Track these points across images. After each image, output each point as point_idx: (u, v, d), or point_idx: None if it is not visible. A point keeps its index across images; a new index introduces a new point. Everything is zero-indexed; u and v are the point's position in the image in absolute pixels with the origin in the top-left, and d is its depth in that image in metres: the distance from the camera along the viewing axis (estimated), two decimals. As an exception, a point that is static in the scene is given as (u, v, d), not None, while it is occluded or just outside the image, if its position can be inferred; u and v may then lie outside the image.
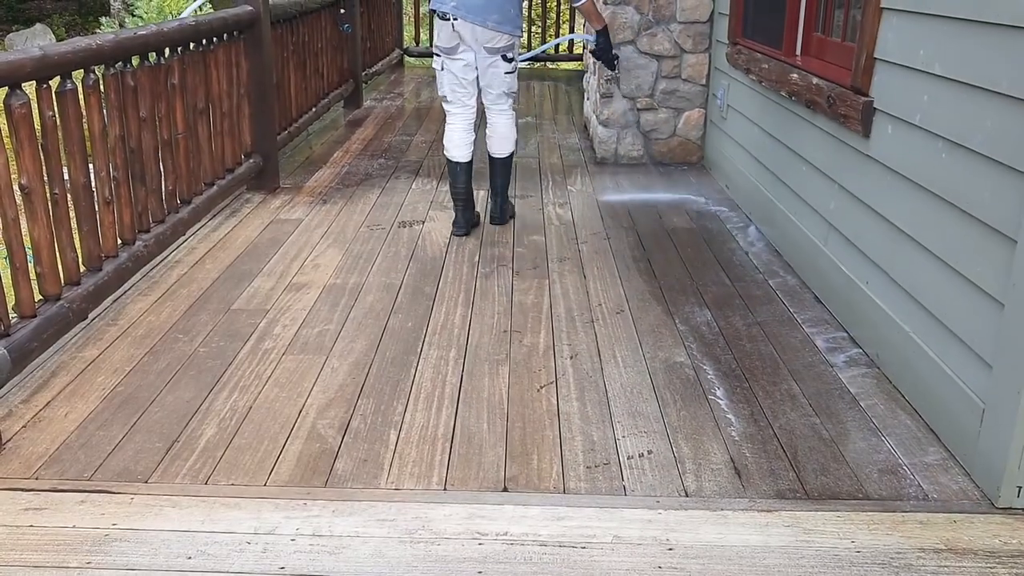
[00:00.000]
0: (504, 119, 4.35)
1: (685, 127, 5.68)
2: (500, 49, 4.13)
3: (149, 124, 3.55)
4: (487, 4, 4.01)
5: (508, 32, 4.10)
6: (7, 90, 2.63)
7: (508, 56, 4.18)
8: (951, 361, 2.52)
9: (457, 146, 4.27)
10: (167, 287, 3.59)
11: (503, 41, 4.11)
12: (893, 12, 2.94)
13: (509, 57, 4.18)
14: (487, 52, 4.12)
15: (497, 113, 4.34)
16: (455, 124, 4.29)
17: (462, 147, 4.27)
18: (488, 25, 4.03)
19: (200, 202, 4.10)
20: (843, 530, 2.15)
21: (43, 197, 2.78)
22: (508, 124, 4.37)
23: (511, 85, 4.27)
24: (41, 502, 2.22)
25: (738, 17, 4.91)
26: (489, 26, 4.03)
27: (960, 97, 2.50)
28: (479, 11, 4.01)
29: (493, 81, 4.22)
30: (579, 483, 2.35)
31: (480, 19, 4.02)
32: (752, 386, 2.86)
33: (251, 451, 2.47)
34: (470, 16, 4.01)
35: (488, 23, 4.03)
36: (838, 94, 3.30)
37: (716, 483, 2.35)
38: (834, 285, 3.40)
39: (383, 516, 2.18)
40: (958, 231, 2.50)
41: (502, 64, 4.19)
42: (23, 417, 2.62)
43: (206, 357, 3.01)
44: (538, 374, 2.93)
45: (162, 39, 3.65)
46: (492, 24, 4.03)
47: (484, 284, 3.69)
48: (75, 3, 20.37)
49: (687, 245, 4.21)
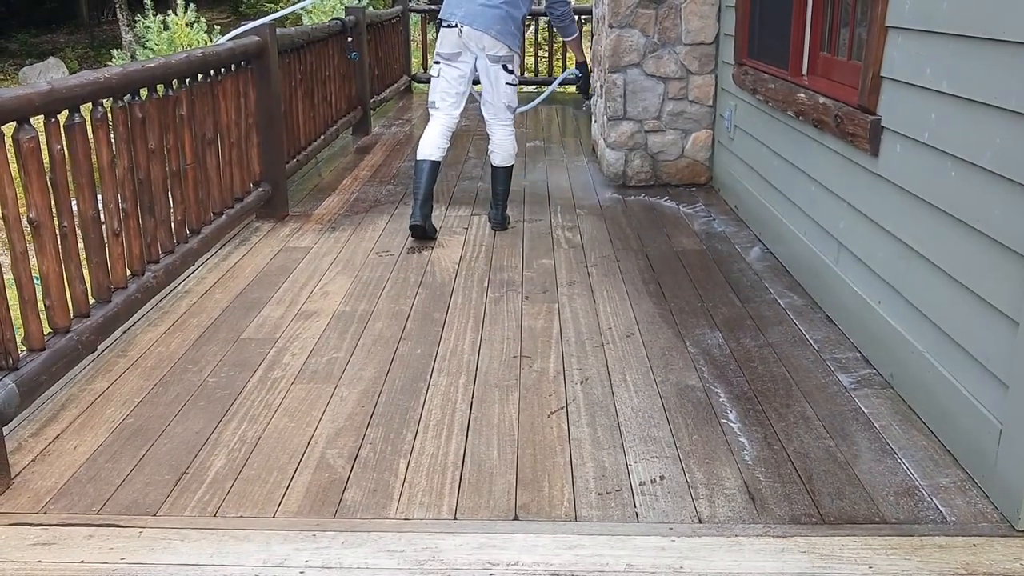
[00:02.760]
0: (505, 133, 4.70)
1: (693, 148, 5.68)
2: (502, 58, 4.49)
3: (158, 155, 3.56)
4: (492, 17, 4.42)
5: (509, 44, 4.48)
6: (16, 124, 2.65)
7: (509, 67, 4.53)
8: (966, 381, 2.48)
9: (428, 144, 4.59)
10: (176, 317, 3.59)
11: (505, 50, 4.49)
12: (899, 31, 2.93)
13: (510, 68, 4.54)
14: (490, 60, 4.49)
15: (499, 127, 4.68)
16: (433, 127, 4.62)
17: (432, 147, 4.58)
18: (491, 33, 4.42)
19: (209, 232, 4.12)
20: (860, 555, 2.11)
21: (52, 230, 2.79)
22: (509, 139, 4.71)
23: (511, 98, 4.61)
24: (49, 537, 2.20)
25: (743, 38, 4.92)
26: (492, 34, 4.42)
27: (968, 115, 2.49)
28: (486, 19, 4.43)
29: (496, 89, 4.56)
30: (591, 510, 2.32)
31: (484, 26, 4.42)
32: (765, 409, 2.83)
33: (260, 482, 2.45)
34: (476, 23, 4.41)
35: (492, 31, 4.43)
36: (845, 113, 3.29)
37: (730, 508, 2.32)
38: (846, 305, 3.37)
39: (393, 547, 2.16)
40: (970, 249, 2.48)
41: (503, 74, 4.54)
42: (32, 451, 2.61)
43: (215, 387, 3.01)
44: (548, 400, 2.91)
45: (169, 71, 3.68)
46: (495, 33, 4.42)
47: (493, 309, 3.68)
48: (87, 36, 20.64)
49: (696, 266, 4.19)
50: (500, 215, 4.82)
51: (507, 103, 4.62)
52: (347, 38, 7.00)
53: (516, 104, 4.67)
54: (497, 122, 4.68)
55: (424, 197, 4.53)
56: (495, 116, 4.66)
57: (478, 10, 4.42)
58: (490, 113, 4.66)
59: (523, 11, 4.55)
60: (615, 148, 5.66)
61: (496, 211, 4.83)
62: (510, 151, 4.76)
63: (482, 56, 4.49)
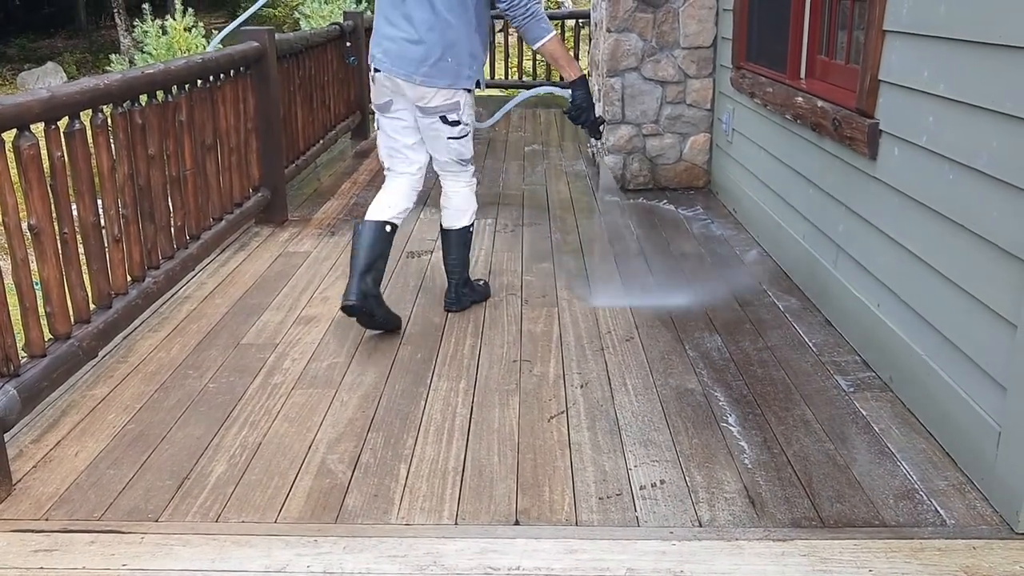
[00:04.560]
0: (457, 187, 3.59)
1: (691, 152, 5.69)
2: (437, 109, 3.32)
3: (158, 161, 3.57)
4: (416, 57, 3.23)
5: (446, 86, 3.27)
6: (16, 132, 2.66)
7: (451, 118, 3.35)
8: (965, 384, 2.49)
9: (373, 207, 3.49)
10: (177, 323, 3.60)
11: (440, 99, 3.29)
12: (897, 34, 2.94)
13: (452, 119, 3.35)
14: (421, 112, 3.35)
15: (450, 180, 3.60)
16: (383, 191, 3.55)
17: (382, 207, 3.47)
18: (416, 80, 3.25)
19: (209, 237, 4.12)
20: (860, 559, 2.12)
21: (52, 237, 2.79)
22: (463, 194, 3.60)
23: (460, 152, 3.47)
24: (51, 543, 2.21)
25: (741, 41, 4.93)
26: (417, 81, 3.25)
27: (965, 118, 2.50)
28: (406, 62, 3.25)
29: (436, 147, 3.47)
30: (591, 515, 2.32)
31: (405, 72, 3.25)
32: (764, 412, 2.84)
33: (261, 488, 2.46)
34: (396, 69, 3.26)
35: (416, 77, 3.24)
36: (843, 117, 3.30)
37: (730, 512, 2.32)
38: (845, 308, 3.38)
39: (394, 552, 2.16)
40: (968, 252, 2.49)
41: (443, 128, 3.37)
42: (33, 457, 2.62)
43: (216, 393, 3.01)
44: (548, 404, 2.91)
45: (169, 77, 3.68)
46: (421, 79, 3.24)
47: (493, 314, 3.69)
48: (86, 41, 20.66)
49: (696, 270, 4.19)
50: (454, 291, 3.68)
51: (456, 159, 3.49)
52: (346, 43, 7.02)
53: (470, 156, 3.53)
54: (445, 175, 3.59)
55: (362, 267, 3.33)
56: (442, 168, 3.57)
57: (396, 49, 3.26)
58: (436, 165, 3.57)
59: (472, 25, 3.26)
60: (613, 152, 5.67)
61: (448, 286, 3.70)
62: (464, 207, 3.59)
63: (414, 109, 3.37)
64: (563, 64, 3.41)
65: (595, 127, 3.59)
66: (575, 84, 3.42)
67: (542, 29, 3.31)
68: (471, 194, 3.62)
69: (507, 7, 3.24)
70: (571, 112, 3.48)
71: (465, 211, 3.61)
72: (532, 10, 3.26)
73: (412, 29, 3.22)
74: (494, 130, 8.04)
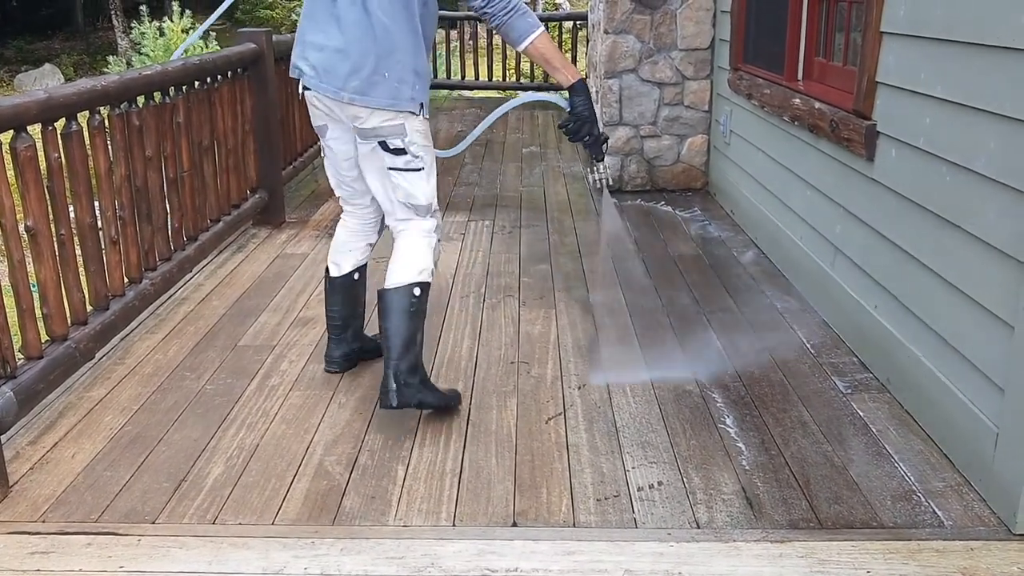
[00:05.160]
0: (411, 239, 2.76)
1: (689, 153, 5.69)
2: (376, 132, 2.63)
3: (155, 163, 3.57)
4: (348, 66, 2.57)
5: (385, 106, 2.59)
6: (13, 133, 2.65)
7: (392, 145, 2.64)
8: (963, 385, 2.49)
9: (334, 250, 3.03)
10: (174, 324, 3.59)
11: (378, 119, 2.61)
12: (893, 36, 2.95)
13: (395, 147, 2.64)
14: (360, 137, 2.68)
15: (402, 230, 2.78)
16: (340, 225, 3.05)
17: (338, 253, 3.01)
18: (343, 98, 2.60)
19: (206, 239, 4.12)
20: (858, 560, 2.12)
21: (49, 238, 2.79)
22: (415, 247, 2.75)
23: (409, 192, 2.70)
24: (48, 545, 2.20)
25: (739, 43, 4.93)
26: (345, 99, 2.60)
27: (962, 119, 2.50)
28: (334, 75, 2.60)
29: (376, 185, 2.74)
30: (589, 516, 2.32)
31: (334, 87, 2.60)
32: (762, 413, 2.84)
33: (259, 489, 2.46)
34: (323, 84, 2.63)
35: (344, 94, 2.59)
36: (841, 118, 3.31)
37: (728, 514, 2.32)
38: (842, 309, 3.38)
39: (391, 554, 2.16)
40: (965, 254, 2.49)
41: (385, 157, 2.67)
42: (30, 459, 2.61)
43: (213, 394, 3.01)
44: (546, 405, 2.91)
45: (167, 79, 3.68)
46: (350, 96, 2.59)
47: (491, 315, 3.68)
48: (83, 43, 20.65)
49: (693, 271, 4.19)
50: (392, 379, 2.66)
51: (404, 201, 2.71)
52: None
53: (427, 201, 2.73)
54: (399, 228, 2.79)
55: (338, 332, 3.05)
56: (389, 214, 2.80)
57: (323, 61, 2.62)
58: (386, 211, 2.81)
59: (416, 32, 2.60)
60: (611, 153, 5.67)
61: (385, 371, 2.69)
62: (411, 259, 2.73)
63: (350, 133, 2.73)
64: (557, 65, 2.75)
65: (598, 145, 2.87)
66: (573, 89, 2.77)
67: (527, 24, 2.67)
68: (427, 249, 2.76)
69: (484, 4, 2.63)
70: (569, 125, 2.82)
71: (411, 264, 2.72)
72: (514, 4, 2.65)
73: (340, 35, 2.58)
74: (491, 131, 8.03)
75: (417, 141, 2.68)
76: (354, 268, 3.02)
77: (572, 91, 2.78)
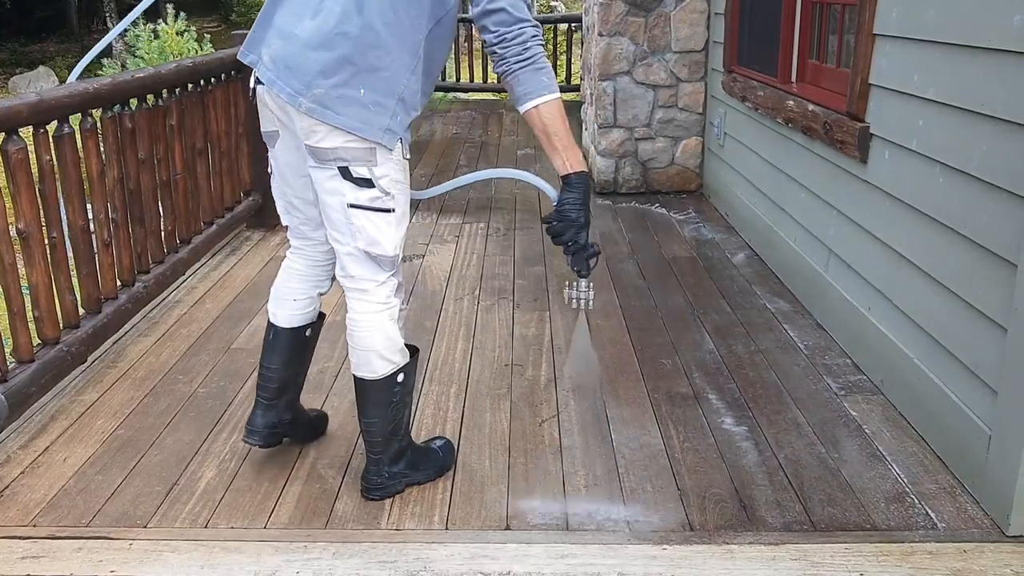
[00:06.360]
0: (363, 309, 2.23)
1: (683, 155, 5.69)
2: (334, 155, 2.08)
3: (148, 165, 3.56)
4: (323, 62, 2.03)
5: (349, 128, 2.04)
6: (4, 136, 2.64)
7: (355, 173, 2.09)
8: (956, 387, 2.49)
9: (274, 297, 2.48)
10: (167, 328, 3.58)
11: (339, 139, 2.06)
12: (886, 38, 2.95)
13: (359, 176, 2.09)
14: (313, 158, 2.11)
15: (354, 297, 2.24)
16: (284, 266, 2.48)
17: (281, 300, 2.45)
18: (300, 105, 2.04)
19: (199, 242, 4.11)
20: (851, 563, 2.11)
21: (41, 241, 2.78)
22: (373, 323, 2.23)
23: (375, 240, 2.15)
24: (38, 550, 2.19)
25: (733, 45, 4.94)
26: (303, 107, 2.04)
27: (955, 122, 2.50)
28: (296, 73, 2.05)
29: (332, 218, 2.16)
30: (583, 519, 2.31)
31: (291, 89, 2.05)
32: (756, 415, 2.84)
33: (251, 493, 2.45)
34: (279, 81, 2.07)
35: (302, 100, 2.04)
36: (834, 120, 3.31)
37: (722, 516, 2.32)
38: (836, 311, 3.38)
39: (384, 558, 2.15)
40: (958, 256, 2.49)
41: (346, 189, 2.11)
42: (21, 463, 2.60)
43: (206, 398, 3.00)
44: (540, 408, 2.91)
45: (159, 81, 3.67)
46: (308, 104, 2.03)
47: (485, 318, 3.68)
48: (78, 45, 20.61)
49: (687, 273, 4.19)
50: (375, 470, 2.38)
51: (366, 248, 2.16)
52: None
53: (393, 252, 2.20)
54: (350, 287, 2.24)
55: (268, 397, 2.47)
56: (341, 269, 2.24)
57: (286, 51, 2.08)
58: (339, 262, 2.24)
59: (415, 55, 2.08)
60: (605, 156, 5.67)
61: (367, 461, 2.40)
62: (375, 345, 2.23)
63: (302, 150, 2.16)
64: (557, 145, 2.20)
65: (583, 256, 2.31)
66: (567, 182, 2.25)
67: (539, 84, 2.12)
68: (390, 324, 2.24)
69: (496, 41, 2.09)
70: (554, 222, 2.26)
71: (384, 348, 2.23)
72: (532, 52, 2.10)
73: (315, 27, 2.04)
74: (487, 134, 8.04)
75: (389, 174, 2.12)
76: (304, 325, 2.46)
77: (566, 183, 2.25)
